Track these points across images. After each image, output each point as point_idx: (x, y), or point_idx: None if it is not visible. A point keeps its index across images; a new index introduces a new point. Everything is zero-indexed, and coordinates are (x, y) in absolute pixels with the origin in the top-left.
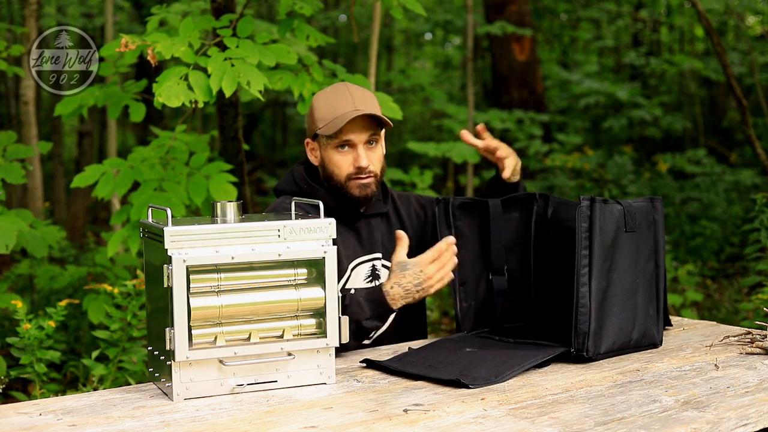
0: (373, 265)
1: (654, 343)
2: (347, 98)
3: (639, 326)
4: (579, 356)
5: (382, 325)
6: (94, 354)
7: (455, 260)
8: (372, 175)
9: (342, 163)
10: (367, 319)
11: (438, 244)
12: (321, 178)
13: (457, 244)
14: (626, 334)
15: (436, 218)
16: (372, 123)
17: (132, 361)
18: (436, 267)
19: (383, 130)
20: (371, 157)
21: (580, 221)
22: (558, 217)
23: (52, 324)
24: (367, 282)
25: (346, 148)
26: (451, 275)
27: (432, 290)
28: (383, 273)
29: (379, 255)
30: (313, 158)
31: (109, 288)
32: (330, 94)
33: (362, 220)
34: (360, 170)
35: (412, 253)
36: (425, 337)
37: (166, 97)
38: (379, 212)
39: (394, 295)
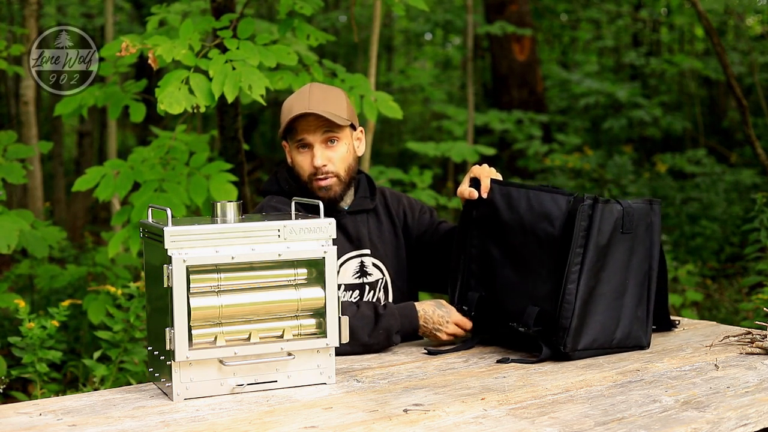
0: (362, 261)
1: (640, 345)
2: (304, 99)
3: (623, 327)
4: (557, 351)
5: (398, 342)
6: (96, 354)
7: (462, 333)
8: (331, 175)
9: (303, 164)
10: (397, 332)
11: (466, 322)
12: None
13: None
14: (609, 333)
15: (422, 224)
16: (327, 122)
17: (133, 362)
18: (455, 330)
19: (351, 129)
20: (330, 157)
21: (580, 219)
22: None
23: (55, 323)
24: (356, 278)
25: (306, 148)
26: (454, 337)
27: (441, 337)
28: (372, 270)
29: (367, 251)
30: (288, 159)
31: (112, 289)
32: (293, 96)
33: (348, 217)
34: (317, 170)
35: (392, 249)
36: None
37: (168, 104)
38: (365, 209)
39: (421, 317)
